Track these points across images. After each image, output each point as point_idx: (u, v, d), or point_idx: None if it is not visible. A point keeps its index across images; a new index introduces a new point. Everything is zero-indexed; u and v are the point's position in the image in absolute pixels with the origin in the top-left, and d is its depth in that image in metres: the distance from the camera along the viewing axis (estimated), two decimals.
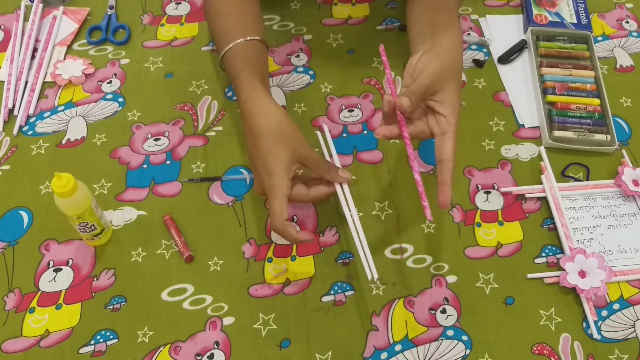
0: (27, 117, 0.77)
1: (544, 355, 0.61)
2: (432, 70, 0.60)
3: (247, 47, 0.69)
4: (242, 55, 0.69)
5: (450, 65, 0.62)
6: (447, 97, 0.61)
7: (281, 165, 0.59)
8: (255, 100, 0.63)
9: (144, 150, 0.75)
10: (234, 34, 0.70)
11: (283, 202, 0.59)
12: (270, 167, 0.60)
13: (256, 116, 0.62)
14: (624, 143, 0.77)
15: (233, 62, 0.69)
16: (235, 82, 0.68)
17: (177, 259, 0.66)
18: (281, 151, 0.60)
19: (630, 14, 0.92)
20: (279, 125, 0.61)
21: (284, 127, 0.61)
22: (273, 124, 0.61)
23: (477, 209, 0.71)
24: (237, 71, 0.67)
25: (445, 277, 0.66)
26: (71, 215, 0.61)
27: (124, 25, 0.87)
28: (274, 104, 0.63)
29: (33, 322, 0.62)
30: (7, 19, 0.88)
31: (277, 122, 0.61)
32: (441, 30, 0.66)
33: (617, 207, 0.71)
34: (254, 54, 0.69)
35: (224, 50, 0.70)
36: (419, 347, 0.61)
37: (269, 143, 0.60)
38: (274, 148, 0.60)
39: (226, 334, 0.62)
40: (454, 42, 0.64)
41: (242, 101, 0.65)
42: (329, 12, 0.90)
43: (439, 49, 0.63)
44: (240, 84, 0.66)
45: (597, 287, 0.63)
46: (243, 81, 0.66)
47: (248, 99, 0.64)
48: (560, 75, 0.81)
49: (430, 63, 0.61)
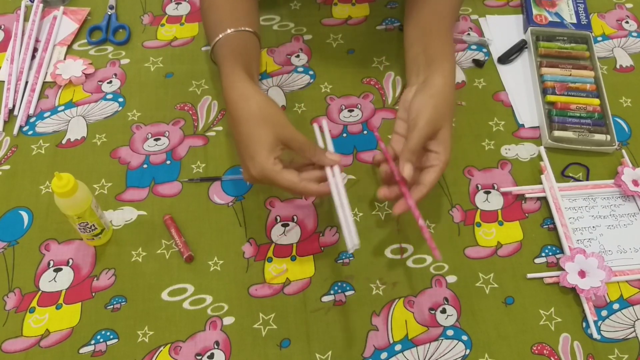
0: (27, 117, 0.77)
1: (543, 355, 0.61)
2: (428, 117, 0.62)
3: (236, 38, 0.69)
4: (229, 45, 0.68)
5: (444, 106, 0.64)
6: (442, 136, 0.63)
7: (264, 147, 0.58)
8: (235, 85, 0.63)
9: (144, 150, 0.75)
10: (224, 25, 0.69)
11: (282, 173, 0.58)
12: (253, 151, 0.59)
13: (236, 101, 0.61)
14: (624, 143, 0.77)
15: (219, 53, 0.68)
16: (220, 72, 0.67)
17: (177, 258, 0.66)
18: (263, 134, 0.59)
19: (630, 14, 0.92)
20: (259, 108, 0.60)
21: (264, 110, 0.60)
22: (253, 107, 0.60)
23: (477, 209, 0.71)
24: (221, 60, 0.67)
25: (445, 277, 0.66)
26: (71, 215, 0.61)
27: (124, 25, 0.87)
28: (254, 88, 0.62)
29: (33, 322, 0.62)
30: (8, 19, 0.88)
31: (257, 105, 0.61)
32: (436, 62, 0.68)
33: (617, 207, 0.72)
34: (242, 44, 0.69)
35: (213, 42, 0.70)
36: (418, 347, 0.61)
37: (250, 126, 0.59)
38: (255, 131, 0.59)
39: (226, 334, 0.62)
40: (447, 78, 0.66)
41: (224, 88, 0.64)
42: (329, 12, 0.90)
43: (432, 90, 0.65)
44: (222, 72, 0.66)
45: (596, 287, 0.64)
46: (225, 69, 0.65)
47: (228, 85, 0.63)
48: (560, 75, 0.81)
49: (425, 107, 0.63)
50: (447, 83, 0.66)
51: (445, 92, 0.65)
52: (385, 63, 0.84)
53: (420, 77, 0.69)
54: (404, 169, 0.61)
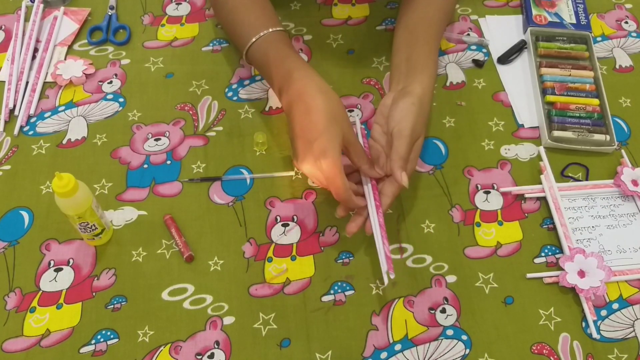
0: (27, 117, 0.77)
1: (543, 355, 0.61)
2: (412, 125, 0.64)
3: (283, 36, 0.72)
4: (283, 42, 0.71)
5: (423, 116, 0.66)
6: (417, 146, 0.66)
7: (337, 143, 0.61)
8: (313, 77, 0.65)
9: (144, 150, 0.75)
10: (261, 24, 0.71)
11: (343, 174, 0.61)
12: (325, 145, 0.60)
13: (315, 92, 0.63)
14: (623, 143, 0.77)
15: (273, 47, 0.70)
16: (278, 64, 0.68)
17: (178, 258, 0.66)
18: (337, 131, 0.61)
19: (629, 15, 0.92)
20: (336, 104, 0.63)
21: (339, 108, 0.63)
22: (332, 102, 0.63)
23: (476, 208, 0.71)
24: (282, 54, 0.69)
25: (445, 277, 0.66)
26: (72, 215, 0.61)
27: (124, 25, 0.87)
28: (328, 85, 0.65)
29: (34, 322, 0.62)
30: (8, 19, 0.88)
31: (336, 101, 0.63)
32: (416, 70, 0.70)
33: (617, 207, 0.72)
34: (289, 42, 0.72)
35: (255, 38, 0.70)
36: (418, 347, 0.61)
37: (326, 119, 0.61)
38: (330, 126, 0.61)
39: (226, 334, 0.62)
40: (425, 89, 0.68)
41: (296, 78, 0.65)
42: (329, 13, 0.90)
43: (413, 99, 0.67)
44: (292, 64, 0.67)
45: (596, 287, 0.64)
46: (295, 61, 0.68)
47: (304, 76, 0.65)
48: (559, 75, 0.81)
49: (408, 115, 0.65)
50: (425, 93, 0.68)
51: (423, 102, 0.67)
52: (385, 63, 0.84)
53: (400, 85, 0.70)
54: (402, 177, 0.63)
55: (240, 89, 0.81)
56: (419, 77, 0.69)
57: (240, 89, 0.81)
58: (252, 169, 0.73)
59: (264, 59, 0.70)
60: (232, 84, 0.81)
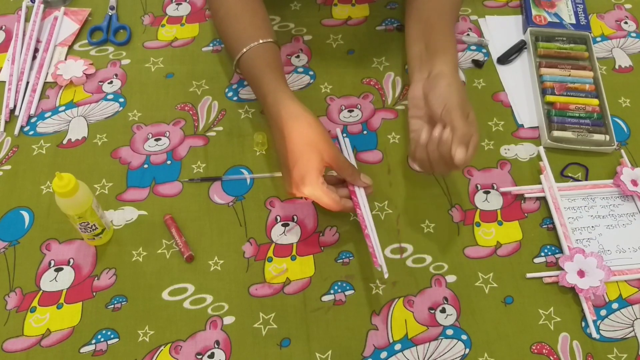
0: (28, 117, 0.78)
1: (543, 355, 0.61)
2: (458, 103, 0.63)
3: (265, 50, 0.71)
4: (262, 58, 0.70)
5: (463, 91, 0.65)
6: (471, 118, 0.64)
7: (314, 168, 0.62)
8: (285, 103, 0.65)
9: (144, 151, 0.75)
10: (248, 36, 0.71)
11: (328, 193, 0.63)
12: (304, 171, 0.62)
13: (286, 119, 0.63)
14: (623, 143, 0.78)
15: (253, 65, 0.70)
16: (258, 84, 0.69)
17: (178, 258, 0.67)
18: (314, 156, 0.62)
19: (629, 15, 0.92)
20: (309, 128, 0.63)
21: (313, 130, 0.63)
22: (304, 127, 0.63)
23: (476, 208, 0.71)
24: (260, 74, 0.69)
25: (445, 277, 0.66)
26: (72, 215, 0.61)
27: (124, 25, 0.87)
28: (302, 106, 0.65)
29: (34, 322, 0.62)
30: (9, 19, 0.88)
31: (308, 125, 0.63)
32: (438, 54, 0.69)
33: (616, 207, 0.72)
34: (273, 57, 0.71)
35: (240, 53, 0.71)
36: (418, 347, 0.61)
37: (302, 147, 0.62)
38: (306, 152, 0.62)
39: (226, 333, 0.62)
40: (451, 68, 0.67)
41: (270, 104, 0.66)
42: (329, 13, 0.90)
43: (446, 79, 0.65)
44: (265, 87, 0.68)
45: (596, 287, 0.64)
46: (269, 84, 0.67)
47: (276, 102, 0.65)
48: (559, 75, 0.82)
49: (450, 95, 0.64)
50: (455, 71, 0.67)
51: (457, 79, 0.66)
52: (385, 63, 0.84)
53: (424, 73, 0.69)
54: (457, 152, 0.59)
55: (241, 89, 0.81)
56: (443, 58, 0.68)
57: (241, 89, 0.81)
58: (252, 169, 0.73)
59: (247, 77, 0.72)
60: (232, 84, 0.81)
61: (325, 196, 0.62)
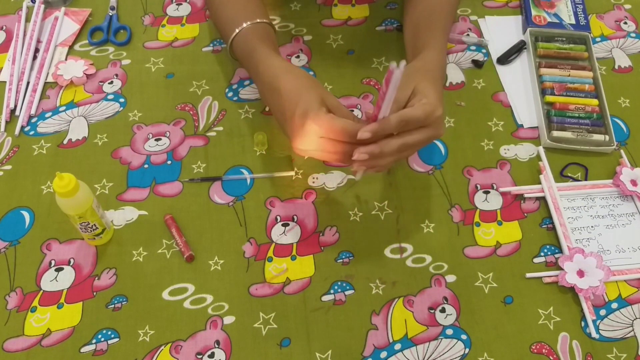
0: (28, 117, 0.78)
1: (542, 354, 0.62)
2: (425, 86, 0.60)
3: (259, 29, 0.70)
4: (255, 35, 0.69)
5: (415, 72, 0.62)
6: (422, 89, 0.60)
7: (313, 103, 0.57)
8: (275, 64, 0.64)
9: (145, 151, 0.75)
10: (241, 18, 0.71)
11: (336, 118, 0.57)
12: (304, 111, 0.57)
13: (278, 75, 0.62)
14: (622, 143, 0.78)
15: (246, 42, 0.69)
16: (249, 59, 0.68)
17: (178, 258, 0.67)
18: (311, 91, 0.59)
19: (628, 15, 0.92)
20: (304, 77, 0.61)
21: (308, 79, 0.61)
22: (299, 75, 0.62)
23: (476, 208, 0.71)
24: (252, 48, 0.68)
25: (445, 277, 0.66)
26: (72, 215, 0.61)
27: (125, 26, 0.87)
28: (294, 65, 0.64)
29: (35, 322, 0.62)
30: (9, 19, 0.88)
31: (302, 75, 0.62)
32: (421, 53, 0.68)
33: (616, 207, 0.72)
34: (266, 34, 0.71)
35: (233, 34, 0.70)
36: (418, 346, 0.62)
37: (297, 90, 0.59)
38: (304, 91, 0.59)
39: (227, 333, 0.62)
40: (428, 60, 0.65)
41: (261, 72, 0.65)
42: (329, 13, 0.90)
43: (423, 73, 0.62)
44: (257, 57, 0.66)
45: (595, 287, 0.64)
46: (261, 54, 0.66)
47: (268, 65, 0.64)
48: (558, 75, 0.82)
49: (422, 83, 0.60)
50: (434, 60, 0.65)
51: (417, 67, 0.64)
52: (385, 63, 0.84)
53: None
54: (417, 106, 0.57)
55: (241, 89, 0.81)
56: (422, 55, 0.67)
57: (241, 89, 0.81)
58: (252, 169, 0.74)
59: (241, 57, 0.71)
60: (232, 84, 0.81)
61: (334, 121, 0.56)
